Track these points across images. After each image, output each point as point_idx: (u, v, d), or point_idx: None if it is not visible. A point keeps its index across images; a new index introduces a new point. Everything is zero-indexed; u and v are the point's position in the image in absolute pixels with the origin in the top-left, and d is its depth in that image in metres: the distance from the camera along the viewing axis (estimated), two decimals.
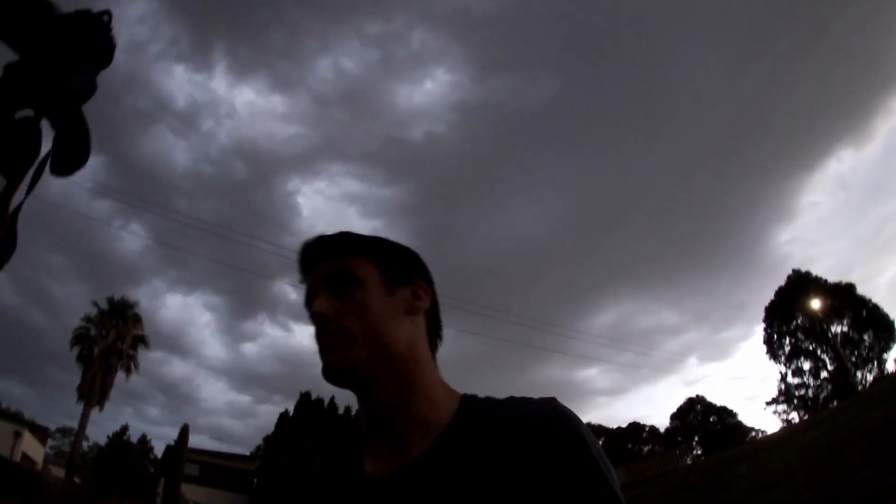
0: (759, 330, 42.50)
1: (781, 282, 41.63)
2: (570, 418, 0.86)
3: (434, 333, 1.02)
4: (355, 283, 0.94)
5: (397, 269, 1.00)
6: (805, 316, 39.24)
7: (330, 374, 0.90)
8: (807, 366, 39.92)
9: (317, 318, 0.92)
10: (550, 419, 0.85)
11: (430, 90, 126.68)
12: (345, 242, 1.00)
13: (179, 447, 35.73)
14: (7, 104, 0.78)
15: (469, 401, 0.94)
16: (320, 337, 0.92)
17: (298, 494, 0.98)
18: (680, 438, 48.82)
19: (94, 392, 33.11)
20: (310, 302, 0.97)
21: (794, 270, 41.30)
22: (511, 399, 0.92)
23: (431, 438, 0.89)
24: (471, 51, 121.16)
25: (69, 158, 0.87)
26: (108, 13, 0.90)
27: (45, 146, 0.84)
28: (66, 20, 0.86)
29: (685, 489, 16.74)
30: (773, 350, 41.35)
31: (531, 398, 0.90)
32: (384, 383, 0.90)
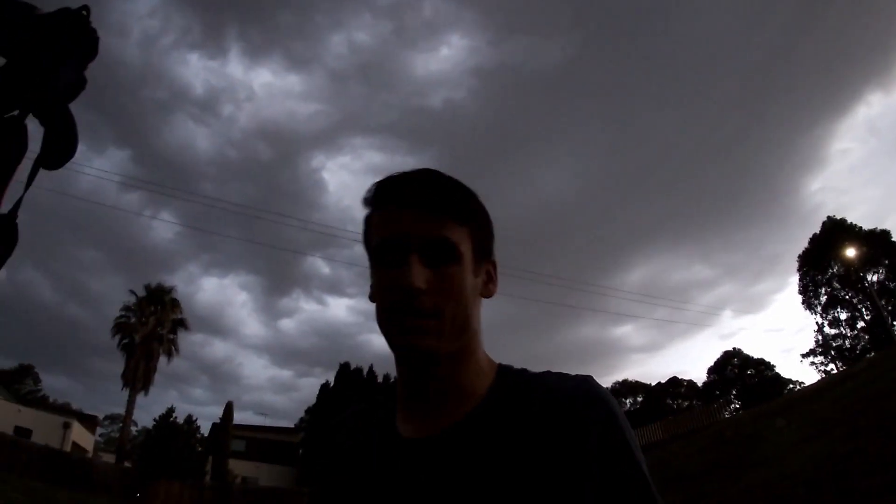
0: (793, 282, 42.20)
1: (813, 232, 41.02)
2: (605, 400, 0.84)
3: None
4: (454, 261, 0.87)
5: (486, 244, 0.95)
6: (840, 264, 38.64)
7: (413, 356, 0.86)
8: (843, 316, 39.67)
9: (413, 292, 0.83)
10: (585, 399, 0.83)
11: (446, 57, 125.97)
12: (454, 203, 0.89)
13: (224, 424, 36.60)
14: None
15: (505, 372, 0.93)
16: (405, 310, 0.84)
17: (340, 463, 0.98)
18: (718, 392, 48.71)
19: (137, 378, 33.98)
20: (389, 252, 0.87)
21: (828, 217, 40.63)
22: (547, 373, 0.90)
23: (468, 407, 0.87)
24: (484, 14, 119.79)
25: (58, 152, 0.90)
26: (86, 7, 0.93)
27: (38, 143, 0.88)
28: (46, 20, 0.90)
29: (723, 443, 16.74)
30: (808, 300, 40.98)
31: (567, 374, 0.88)
32: (448, 363, 0.87)
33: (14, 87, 0.85)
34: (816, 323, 41.04)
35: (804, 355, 42.49)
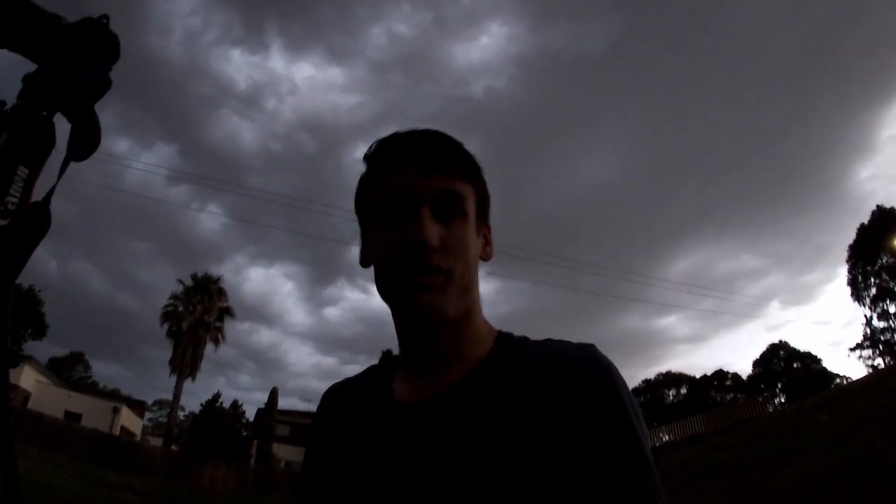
0: (842, 272, 40.78)
1: (861, 222, 39.44)
2: (607, 368, 0.81)
3: None
4: (462, 216, 0.85)
5: (485, 206, 0.92)
6: (891, 256, 37.20)
7: (419, 314, 0.82)
8: (892, 309, 38.13)
9: (426, 247, 0.79)
10: (586, 367, 0.80)
11: (486, 45, 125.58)
12: (465, 160, 0.88)
13: (269, 409, 37.24)
14: (29, 107, 0.92)
15: (505, 338, 0.91)
16: (414, 268, 0.80)
17: (336, 426, 0.96)
18: (763, 386, 47.79)
19: (185, 364, 34.94)
20: (396, 207, 0.84)
21: (877, 206, 39.04)
22: (548, 341, 0.87)
23: (465, 371, 0.85)
24: (523, 1, 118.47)
25: (83, 146, 0.99)
26: (105, 16, 1.02)
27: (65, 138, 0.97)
28: (72, 28, 1.00)
29: (765, 437, 16.53)
30: (857, 292, 39.63)
31: (569, 342, 0.86)
32: (452, 327, 0.85)
33: (45, 89, 0.94)
34: (865, 316, 39.90)
35: (852, 349, 41.43)
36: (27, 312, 36.96)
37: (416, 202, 0.82)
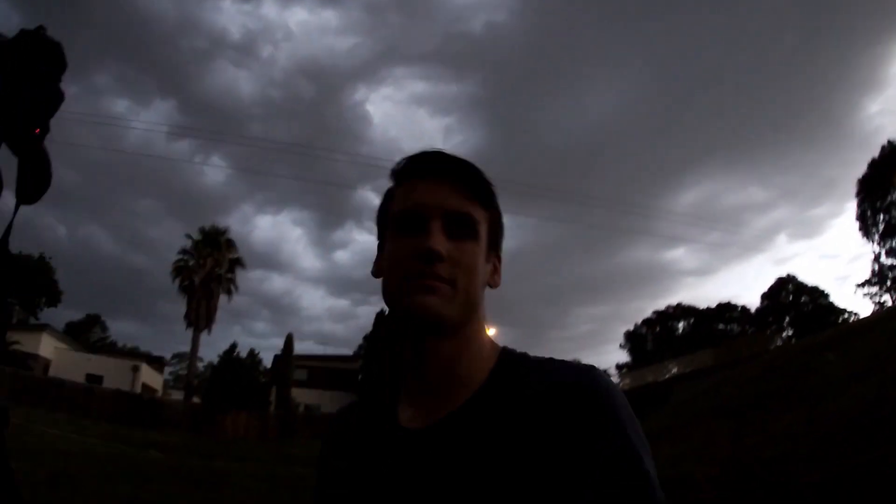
0: (850, 206, 40.50)
1: (872, 157, 38.82)
2: (607, 392, 0.80)
3: None
4: (473, 238, 0.88)
5: (498, 237, 0.97)
6: None
7: (419, 316, 0.84)
8: None
9: (433, 255, 0.83)
10: (586, 391, 0.80)
11: None
12: (483, 187, 0.92)
13: (286, 355, 37.72)
14: None
15: (507, 358, 0.91)
16: (420, 272, 0.84)
17: (341, 453, 0.97)
18: (770, 319, 48.07)
19: (200, 317, 35.32)
20: (412, 220, 0.88)
21: (888, 141, 38.31)
22: (550, 361, 0.88)
23: (467, 394, 0.86)
24: None
25: (33, 186, 0.95)
26: (41, 27, 0.95)
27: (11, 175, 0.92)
28: (9, 46, 0.93)
29: (772, 374, 16.63)
30: (866, 227, 39.31)
31: (570, 363, 0.86)
32: (450, 343, 0.87)
33: None
34: (873, 251, 39.57)
35: (859, 285, 41.46)
36: (40, 281, 37.25)
37: (429, 216, 0.86)
